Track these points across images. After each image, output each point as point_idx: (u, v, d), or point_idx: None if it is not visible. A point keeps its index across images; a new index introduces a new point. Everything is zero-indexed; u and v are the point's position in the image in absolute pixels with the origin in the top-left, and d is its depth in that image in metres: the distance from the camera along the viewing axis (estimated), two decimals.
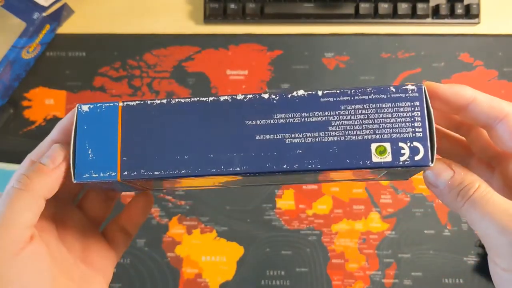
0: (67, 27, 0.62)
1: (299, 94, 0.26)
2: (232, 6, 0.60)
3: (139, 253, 0.57)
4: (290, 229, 0.58)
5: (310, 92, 0.26)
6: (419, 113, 0.25)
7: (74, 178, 0.26)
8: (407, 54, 0.61)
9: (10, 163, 0.57)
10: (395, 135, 0.25)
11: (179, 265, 0.57)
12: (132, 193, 0.35)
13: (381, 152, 0.25)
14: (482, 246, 0.57)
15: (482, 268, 0.56)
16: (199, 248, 0.57)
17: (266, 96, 0.26)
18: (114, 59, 0.61)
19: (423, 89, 0.25)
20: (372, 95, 0.25)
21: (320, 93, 0.26)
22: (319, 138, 0.25)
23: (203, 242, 0.57)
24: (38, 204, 0.26)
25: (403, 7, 0.60)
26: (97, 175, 0.26)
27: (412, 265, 0.57)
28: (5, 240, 0.24)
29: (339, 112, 0.25)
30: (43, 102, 0.60)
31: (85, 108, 0.27)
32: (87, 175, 0.26)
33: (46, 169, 0.26)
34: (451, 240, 0.57)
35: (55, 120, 0.59)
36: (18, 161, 0.57)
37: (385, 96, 0.25)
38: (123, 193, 0.51)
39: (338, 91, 0.26)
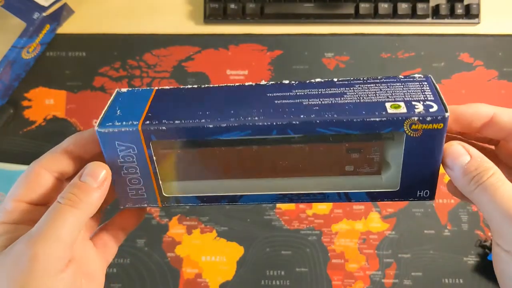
0: (67, 27, 0.62)
1: (316, 80, 0.28)
2: (232, 6, 0.60)
3: (139, 253, 0.57)
4: (290, 229, 0.58)
5: (327, 79, 0.28)
6: (427, 87, 0.27)
7: (97, 126, 0.26)
8: (407, 54, 0.61)
9: (10, 163, 0.57)
10: (407, 98, 0.26)
11: (179, 265, 0.57)
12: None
13: (396, 107, 0.26)
14: (482, 246, 0.57)
15: (482, 268, 0.56)
16: (199, 248, 0.57)
17: (286, 81, 0.29)
18: (114, 59, 0.61)
19: (430, 77, 0.28)
20: (383, 79, 0.28)
21: (335, 79, 0.28)
22: (335, 100, 0.27)
23: (203, 242, 0.57)
24: (84, 221, 0.26)
25: (403, 7, 0.60)
26: (120, 123, 0.26)
27: (412, 265, 0.57)
28: (52, 255, 0.24)
29: (353, 88, 0.27)
30: (43, 102, 0.60)
31: (123, 89, 0.30)
32: (110, 123, 0.26)
33: (90, 188, 0.26)
34: (451, 240, 0.57)
35: (55, 120, 0.59)
36: (18, 161, 0.57)
37: (395, 80, 0.28)
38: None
39: (351, 78, 0.28)
